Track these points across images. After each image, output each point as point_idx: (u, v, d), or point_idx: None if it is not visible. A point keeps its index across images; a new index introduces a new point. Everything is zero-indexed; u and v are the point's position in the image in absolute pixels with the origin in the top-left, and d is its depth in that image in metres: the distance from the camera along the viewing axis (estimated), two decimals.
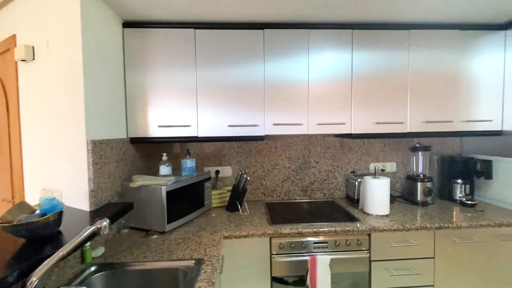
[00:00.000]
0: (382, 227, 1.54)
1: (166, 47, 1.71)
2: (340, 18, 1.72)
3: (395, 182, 2.20)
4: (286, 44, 1.76)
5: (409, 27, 1.80)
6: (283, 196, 2.15)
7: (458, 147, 2.23)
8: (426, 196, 1.92)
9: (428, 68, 1.82)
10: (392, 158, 2.19)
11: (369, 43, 1.79)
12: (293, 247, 1.53)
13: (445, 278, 1.58)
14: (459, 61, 1.84)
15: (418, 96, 1.82)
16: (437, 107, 1.83)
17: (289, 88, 1.77)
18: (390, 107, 1.81)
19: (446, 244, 1.58)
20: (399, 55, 1.80)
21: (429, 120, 1.82)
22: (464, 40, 1.84)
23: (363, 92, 1.80)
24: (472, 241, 1.59)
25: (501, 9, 1.63)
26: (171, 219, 1.52)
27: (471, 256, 1.59)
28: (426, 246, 1.57)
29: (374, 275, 1.55)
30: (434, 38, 1.81)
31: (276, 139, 2.13)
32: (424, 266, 1.57)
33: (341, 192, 2.18)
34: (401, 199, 2.07)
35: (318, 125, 1.79)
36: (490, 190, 1.93)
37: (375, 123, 1.81)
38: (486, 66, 1.86)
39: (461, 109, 1.85)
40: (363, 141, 2.17)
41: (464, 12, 1.66)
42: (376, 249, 1.55)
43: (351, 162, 2.17)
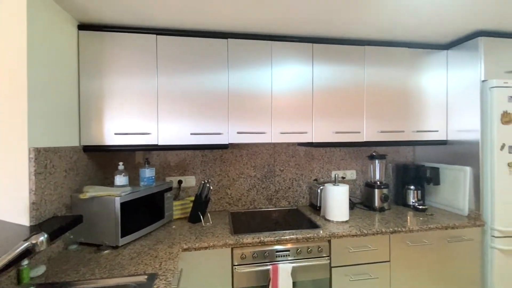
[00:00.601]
0: (342, 233, 1.58)
1: (126, 52, 1.65)
2: (301, 32, 1.80)
3: (355, 189, 2.29)
4: (250, 54, 1.79)
5: (364, 44, 1.93)
6: (248, 205, 2.13)
7: (411, 155, 2.40)
8: (383, 202, 2.02)
9: (381, 82, 1.95)
10: (352, 166, 2.29)
11: (328, 57, 1.88)
12: (256, 257, 1.51)
13: (400, 280, 1.66)
14: (409, 76, 2.00)
15: (373, 107, 1.94)
16: (391, 118, 1.96)
17: (253, 97, 1.79)
18: (348, 118, 1.90)
19: (400, 247, 1.66)
20: (356, 70, 1.91)
21: (383, 130, 1.94)
22: (413, 57, 2.01)
23: (323, 103, 1.88)
24: (423, 244, 1.69)
25: (441, 31, 1.81)
26: (125, 233, 1.43)
27: (422, 257, 1.69)
28: (382, 250, 1.64)
29: (334, 281, 1.58)
30: (386, 55, 1.96)
31: (242, 147, 2.13)
32: (381, 269, 1.63)
33: (305, 199, 2.22)
34: (361, 205, 2.16)
35: (281, 134, 1.82)
36: (438, 195, 2.09)
37: (334, 133, 1.88)
38: (432, 82, 2.04)
39: (412, 120, 2.00)
40: (325, 149, 2.25)
41: (412, 32, 1.83)
42: (336, 255, 1.59)
43: (315, 170, 2.23)
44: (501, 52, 1.83)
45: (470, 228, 1.75)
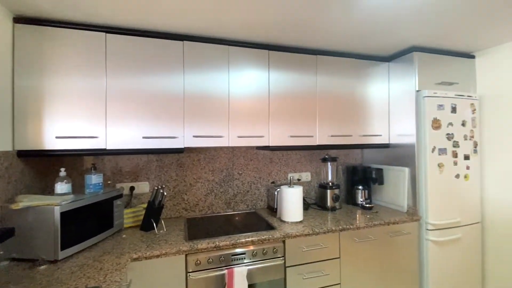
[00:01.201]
0: (295, 233, 1.64)
1: (70, 50, 1.53)
2: (258, 39, 1.85)
3: (311, 190, 2.40)
4: (206, 57, 1.78)
5: (316, 53, 2.05)
6: (206, 210, 2.11)
7: (359, 158, 2.59)
8: (335, 201, 2.15)
9: (332, 89, 2.08)
10: (307, 168, 2.40)
11: (284, 64, 1.96)
12: (211, 262, 1.49)
13: (349, 275, 1.77)
14: (357, 85, 2.17)
15: (325, 113, 2.06)
16: (340, 123, 2.10)
17: (210, 101, 1.79)
18: (302, 122, 2.00)
19: (349, 244, 1.78)
20: (309, 77, 2.02)
21: (334, 134, 2.07)
22: (360, 68, 2.18)
23: (279, 108, 1.94)
24: (369, 239, 1.83)
25: (383, 45, 2.00)
26: (66, 245, 1.32)
27: (368, 252, 1.83)
28: (333, 247, 1.74)
29: (289, 280, 1.63)
30: (336, 65, 2.10)
31: (200, 152, 2.10)
32: (332, 266, 1.73)
33: (263, 202, 2.26)
34: (315, 206, 2.27)
35: (238, 138, 1.84)
36: (383, 194, 2.28)
37: (290, 136, 1.96)
38: (376, 90, 2.24)
39: (359, 125, 2.16)
40: (282, 153, 2.32)
41: (358, 45, 1.99)
42: (290, 255, 1.64)
43: (272, 173, 2.29)
44: (432, 66, 2.08)
45: (408, 223, 1.94)
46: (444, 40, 1.93)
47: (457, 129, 2.04)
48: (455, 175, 2.03)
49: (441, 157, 1.98)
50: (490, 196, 2.10)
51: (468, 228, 2.07)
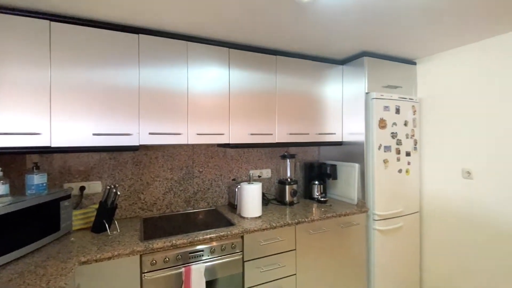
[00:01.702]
0: (253, 228, 1.69)
1: (10, 37, 1.38)
2: (218, 36, 1.85)
3: (271, 186, 2.48)
4: (164, 52, 1.74)
5: (276, 53, 2.11)
6: (164, 209, 2.06)
7: (316, 154, 2.74)
8: (293, 196, 2.25)
9: (291, 89, 2.17)
10: (268, 165, 2.47)
11: (244, 62, 1.99)
12: (167, 261, 1.47)
13: (304, 265, 1.87)
14: (314, 86, 2.28)
15: (284, 112, 2.13)
16: (298, 122, 2.20)
17: (168, 96, 1.74)
18: (262, 121, 2.05)
19: (304, 236, 1.88)
20: (269, 76, 2.07)
21: (292, 132, 2.16)
22: (317, 69, 2.30)
23: (240, 106, 1.97)
24: (322, 231, 1.95)
25: (338, 49, 2.13)
26: (3, 252, 1.20)
27: (322, 243, 1.95)
28: (289, 240, 1.82)
29: (247, 274, 1.67)
30: (295, 65, 2.19)
31: (157, 149, 2.04)
32: (288, 258, 1.81)
33: (224, 199, 2.28)
34: (275, 201, 2.35)
35: (198, 135, 1.83)
36: (336, 188, 2.45)
37: (250, 134, 2.00)
38: (331, 91, 2.37)
39: (315, 124, 2.28)
40: (243, 150, 2.36)
41: (315, 48, 2.09)
42: (249, 250, 1.69)
43: (233, 170, 2.32)
44: (380, 70, 2.27)
45: (357, 214, 2.11)
46: (391, 47, 2.12)
47: (400, 128, 2.26)
48: (398, 170, 2.25)
49: (386, 153, 2.18)
50: (427, 189, 2.37)
51: (408, 217, 2.31)
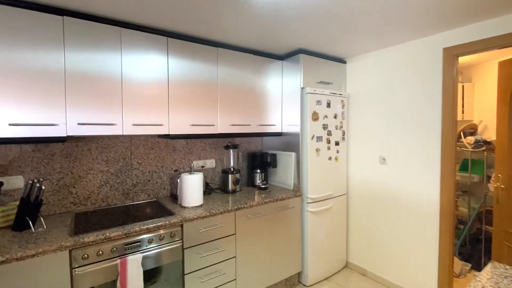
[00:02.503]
0: (193, 216, 1.75)
1: None
2: (154, 24, 1.80)
3: (215, 176, 2.54)
4: (93, 37, 1.63)
5: (218, 46, 2.14)
6: (100, 202, 1.98)
7: (260, 144, 2.89)
8: (235, 185, 2.36)
9: (233, 81, 2.23)
10: (212, 155, 2.52)
11: (184, 52, 1.98)
12: (101, 254, 1.45)
13: (243, 248, 2.01)
14: (255, 79, 2.38)
15: (226, 103, 2.20)
16: (240, 113, 2.29)
17: (99, 84, 1.66)
18: (204, 111, 2.08)
19: (243, 221, 2.01)
20: (210, 68, 2.10)
21: (234, 123, 2.25)
22: (259, 63, 2.40)
23: (180, 96, 1.97)
24: (260, 215, 2.11)
25: (277, 46, 2.26)
26: None
27: (260, 226, 2.11)
28: (229, 225, 1.93)
29: (187, 260, 1.74)
30: (237, 58, 2.25)
31: (90, 140, 1.93)
32: (228, 242, 1.92)
33: (166, 190, 2.27)
34: (219, 190, 2.43)
35: (134, 126, 1.78)
36: (276, 175, 2.63)
37: (191, 125, 2.02)
38: (272, 85, 2.51)
39: (257, 116, 2.40)
40: (186, 141, 2.37)
41: (256, 43, 2.17)
42: (188, 237, 1.74)
43: (176, 161, 2.32)
44: (314, 67, 2.48)
45: (292, 198, 2.32)
46: (324, 47, 2.33)
47: (330, 120, 2.52)
48: (328, 158, 2.52)
49: (318, 143, 2.42)
50: (352, 173, 2.70)
51: (337, 199, 2.62)
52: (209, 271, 1.84)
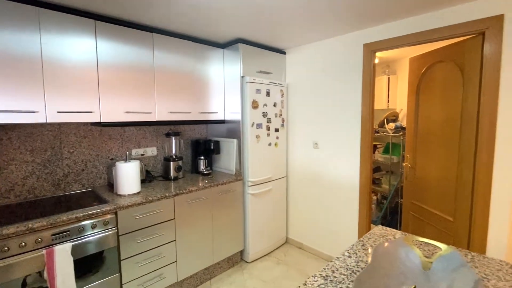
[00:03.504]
0: (127, 204, 1.76)
1: None
2: (80, 6, 1.70)
3: (157, 163, 2.55)
4: (6, 17, 1.49)
5: (153, 31, 2.10)
6: (26, 194, 1.87)
7: (205, 132, 2.94)
8: (177, 172, 2.40)
9: (171, 68, 2.22)
10: (153, 143, 2.51)
11: (115, 36, 1.91)
12: (24, 246, 1.40)
13: (184, 231, 2.09)
14: (196, 66, 2.40)
15: (164, 90, 2.19)
16: (180, 100, 2.30)
17: (15, 67, 1.54)
18: (139, 98, 2.05)
19: (183, 206, 2.08)
20: (145, 53, 2.06)
21: (173, 111, 2.26)
22: (200, 51, 2.41)
23: (112, 81, 1.91)
24: (201, 199, 2.20)
25: (216, 34, 2.29)
26: None
27: (202, 210, 2.20)
28: (167, 211, 1.98)
29: (123, 247, 1.76)
30: (176, 45, 2.24)
31: (10, 129, 1.79)
32: (167, 227, 1.99)
33: (103, 180, 2.23)
34: (161, 178, 2.44)
35: (59, 113, 1.70)
36: (220, 162, 2.73)
37: (125, 112, 1.99)
38: (214, 73, 2.56)
39: (198, 103, 2.44)
40: (124, 129, 2.32)
41: (196, 30, 2.18)
42: (124, 224, 1.76)
43: (113, 150, 2.26)
44: (254, 57, 2.58)
45: (233, 182, 2.44)
46: (263, 38, 2.43)
47: (270, 108, 2.67)
48: (268, 144, 2.68)
49: (258, 130, 2.56)
50: (291, 157, 2.92)
51: (277, 181, 2.83)
52: (148, 256, 1.89)
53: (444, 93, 2.08)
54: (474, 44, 1.81)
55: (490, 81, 1.70)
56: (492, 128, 1.71)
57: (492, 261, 1.02)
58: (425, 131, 2.29)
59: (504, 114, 1.66)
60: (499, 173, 1.70)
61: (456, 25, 1.80)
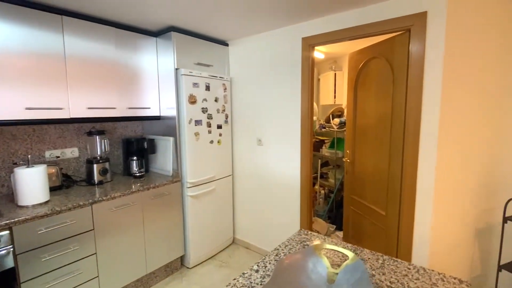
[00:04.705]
0: (26, 217, 1.49)
1: None
2: None
3: (80, 166, 2.25)
4: None
5: (61, 13, 1.79)
6: None
7: (140, 129, 2.68)
8: (102, 175, 2.13)
9: (89, 57, 1.94)
10: (74, 143, 2.20)
11: (12, 17, 1.58)
12: None
13: (106, 243, 1.86)
14: (123, 55, 2.13)
15: (79, 82, 1.90)
16: (102, 94, 2.03)
17: None
18: (46, 92, 1.75)
19: (104, 214, 1.84)
20: (52, 38, 1.76)
21: (92, 106, 1.98)
22: (126, 38, 2.14)
23: (7, 71, 1.59)
24: (128, 206, 1.98)
25: (146, 20, 2.04)
26: None
27: (129, 217, 1.98)
28: (84, 221, 1.74)
29: (22, 267, 1.49)
30: (91, 30, 1.95)
31: None
32: (84, 239, 1.74)
33: (7, 188, 1.89)
34: (84, 182, 2.16)
35: None
36: (156, 162, 2.51)
37: (26, 109, 1.68)
38: (147, 64, 2.31)
39: (126, 98, 2.18)
40: (33, 127, 1.99)
41: (113, 14, 1.91)
42: (22, 241, 1.49)
43: (19, 152, 1.93)
44: (191, 48, 2.38)
45: (170, 185, 2.25)
46: (202, 27, 2.23)
47: (211, 104, 2.50)
48: (210, 141, 2.53)
49: (197, 127, 2.39)
50: (237, 155, 2.80)
51: (222, 180, 2.70)
52: (60, 274, 1.64)
53: (378, 89, 2.11)
54: (402, 41, 1.83)
55: (415, 79, 1.73)
56: (416, 124, 1.75)
57: (401, 265, 0.99)
58: (362, 127, 2.32)
59: (428, 111, 1.71)
60: (423, 167, 1.75)
61: (387, 21, 1.80)
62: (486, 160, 1.89)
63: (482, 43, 1.73)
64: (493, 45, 1.77)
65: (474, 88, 1.76)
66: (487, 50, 1.76)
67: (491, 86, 1.81)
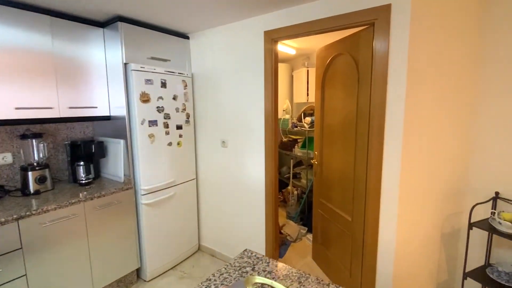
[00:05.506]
0: None
1: None
2: None
3: (14, 174, 1.98)
4: None
5: None
6: None
7: (90, 130, 2.43)
8: (40, 184, 1.89)
9: (14, 48, 1.67)
10: (6, 147, 1.93)
11: None
12: None
13: (39, 262, 1.63)
14: (62, 48, 1.88)
15: (3, 77, 1.64)
16: (34, 93, 1.77)
17: None
18: None
19: (35, 230, 1.61)
20: None
21: (21, 106, 1.72)
22: (64, 28, 1.89)
23: None
24: (68, 218, 1.75)
25: (88, 8, 1.79)
26: None
27: (68, 232, 1.76)
28: (8, 239, 1.50)
29: None
30: (19, 17, 1.68)
31: None
32: (10, 260, 1.50)
33: None
34: (19, 192, 1.90)
35: None
36: (107, 167, 2.28)
37: None
38: (93, 57, 2.06)
39: (66, 95, 1.93)
40: None
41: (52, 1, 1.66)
42: None
43: None
44: (144, 40, 2.14)
45: (120, 192, 2.03)
46: (156, 17, 2.01)
47: (168, 102, 2.29)
48: (168, 143, 2.32)
49: (152, 128, 2.17)
50: (201, 158, 2.61)
51: (184, 185, 2.50)
52: None
53: (345, 87, 1.98)
54: (366, 36, 1.70)
55: (379, 76, 1.61)
56: (381, 126, 1.63)
57: None
58: (330, 127, 2.19)
59: (392, 110, 1.59)
60: (388, 170, 1.64)
61: (351, 13, 1.65)
62: (452, 164, 1.81)
63: (447, 38, 1.63)
64: (458, 40, 1.67)
65: (440, 87, 1.66)
66: (453, 45, 1.66)
67: (457, 84, 1.72)
